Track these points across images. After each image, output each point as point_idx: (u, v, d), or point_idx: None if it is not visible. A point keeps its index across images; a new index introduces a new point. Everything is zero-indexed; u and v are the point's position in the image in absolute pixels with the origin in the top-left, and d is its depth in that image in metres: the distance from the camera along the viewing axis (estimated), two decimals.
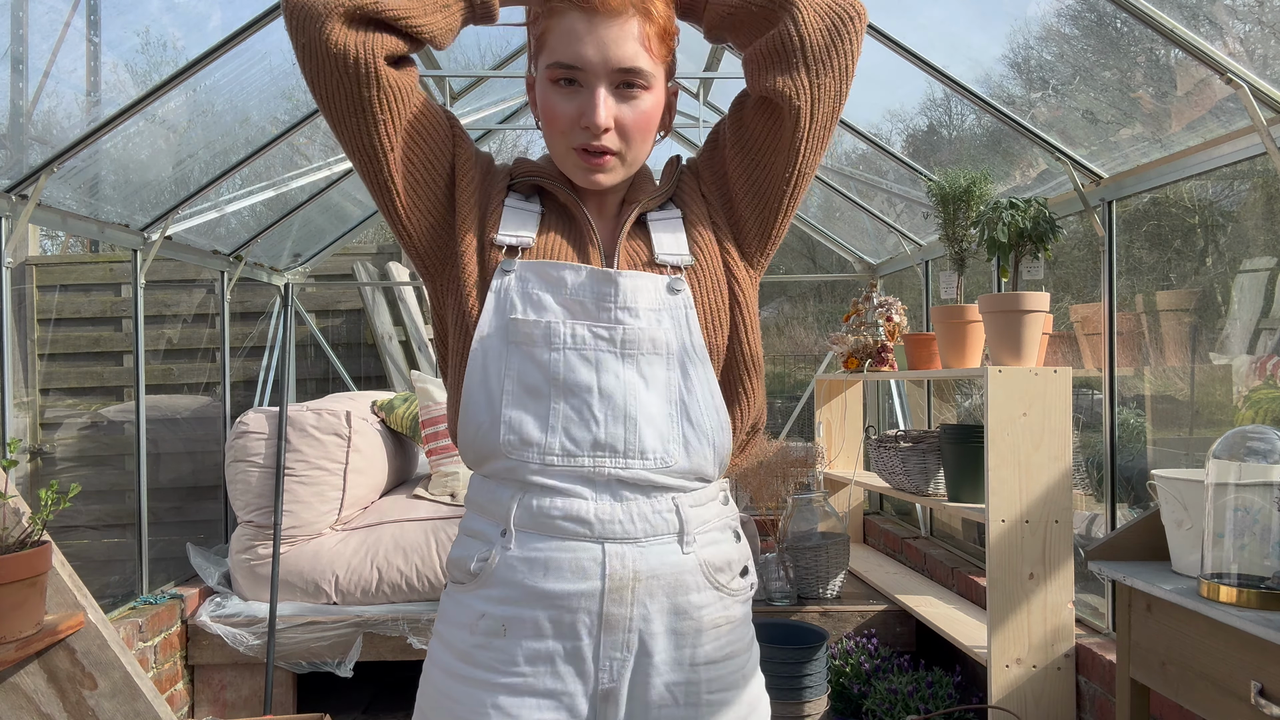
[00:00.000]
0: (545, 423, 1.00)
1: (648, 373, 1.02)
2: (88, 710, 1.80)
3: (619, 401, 1.00)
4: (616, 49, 1.01)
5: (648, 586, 1.00)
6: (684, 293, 1.06)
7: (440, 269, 1.10)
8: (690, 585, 1.03)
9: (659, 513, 1.02)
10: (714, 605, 1.05)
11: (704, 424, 1.04)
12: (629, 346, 1.02)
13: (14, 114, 2.46)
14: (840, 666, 3.00)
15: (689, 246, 1.10)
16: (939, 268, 3.83)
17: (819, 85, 1.03)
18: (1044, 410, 2.48)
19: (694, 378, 1.04)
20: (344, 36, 0.97)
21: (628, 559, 0.99)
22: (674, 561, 1.02)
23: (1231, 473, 1.60)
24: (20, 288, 3.47)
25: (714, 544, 1.06)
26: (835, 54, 1.03)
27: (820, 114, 1.05)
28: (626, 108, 1.04)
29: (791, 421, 5.04)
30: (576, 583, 0.98)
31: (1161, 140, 2.38)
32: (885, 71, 3.21)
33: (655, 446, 1.01)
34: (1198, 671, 1.70)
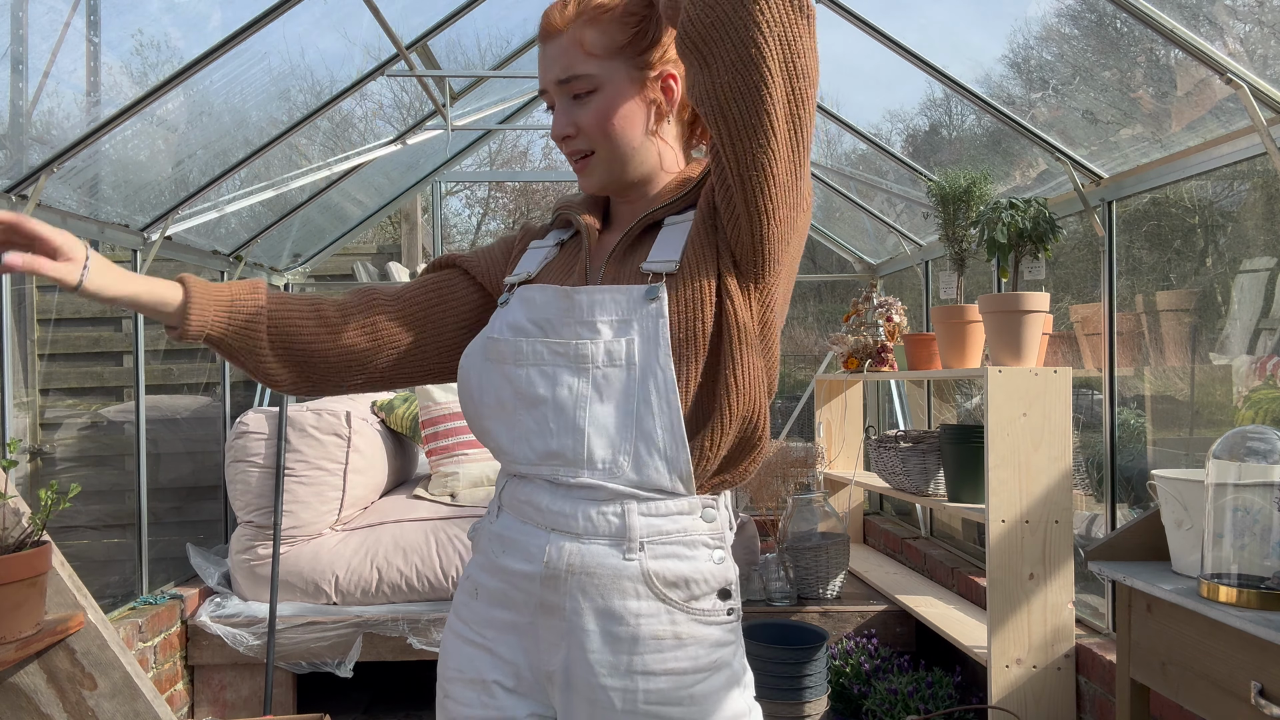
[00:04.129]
0: (513, 433, 1.08)
1: (605, 385, 1.03)
2: (87, 710, 1.79)
3: (569, 413, 1.03)
4: (553, 65, 1.10)
5: (580, 582, 1.03)
6: (659, 301, 1.03)
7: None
8: (628, 591, 1.02)
9: (603, 515, 1.03)
10: (658, 618, 1.03)
11: (657, 439, 1.02)
12: (583, 361, 1.04)
13: (14, 114, 2.46)
14: (840, 667, 3.00)
15: (681, 252, 1.07)
16: (939, 268, 3.83)
17: (717, 87, 0.95)
18: (1044, 410, 2.47)
19: (652, 390, 1.02)
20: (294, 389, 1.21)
21: (565, 551, 1.03)
22: (612, 565, 1.02)
23: (1231, 473, 1.60)
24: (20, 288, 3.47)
25: (671, 557, 1.04)
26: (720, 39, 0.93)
27: (732, 113, 0.95)
28: (581, 111, 1.10)
29: (791, 421, 5.04)
30: (523, 564, 1.06)
31: (1161, 140, 2.37)
32: (885, 71, 3.21)
33: (605, 456, 1.03)
34: (1198, 672, 1.70)
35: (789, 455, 3.89)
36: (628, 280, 1.08)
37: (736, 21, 0.92)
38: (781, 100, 0.94)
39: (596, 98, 1.09)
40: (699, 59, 0.95)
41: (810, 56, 0.95)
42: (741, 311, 1.04)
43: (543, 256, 1.20)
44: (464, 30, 3.72)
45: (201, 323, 1.13)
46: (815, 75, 0.97)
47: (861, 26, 2.71)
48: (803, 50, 0.94)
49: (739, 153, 0.97)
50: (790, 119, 0.96)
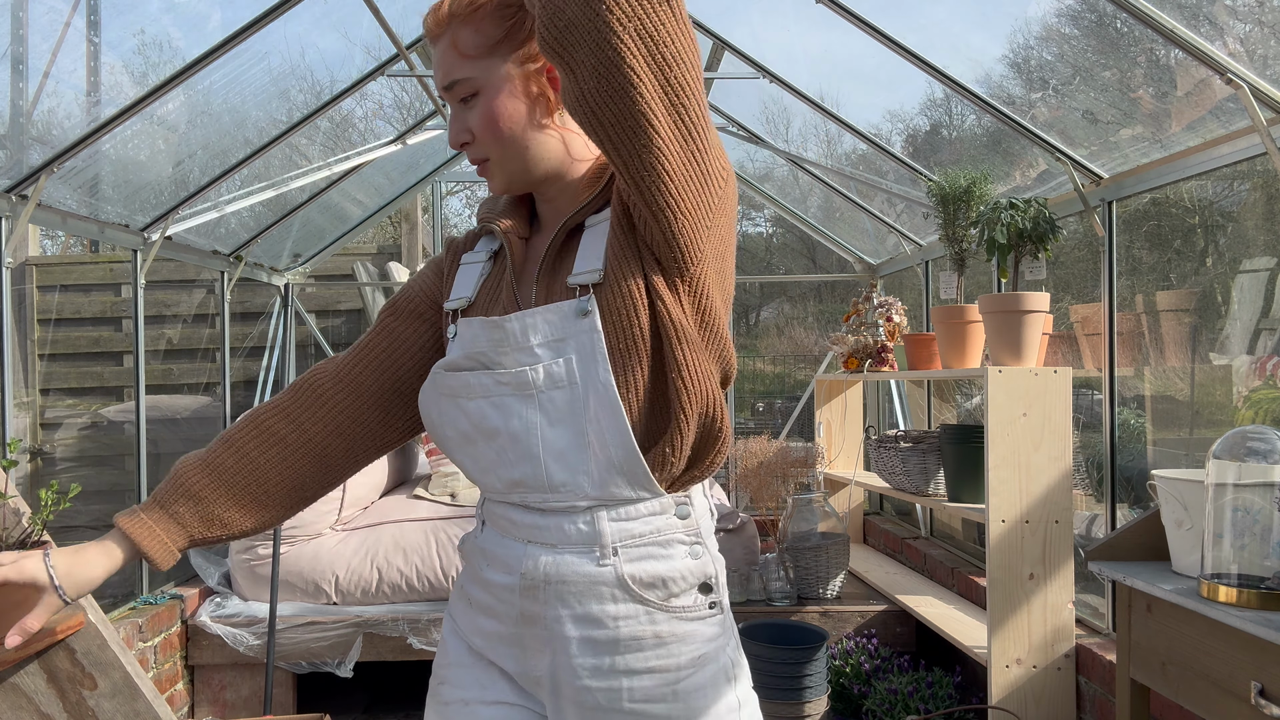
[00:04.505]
0: (478, 465, 1.07)
1: (552, 409, 1.00)
2: (88, 710, 1.80)
3: (524, 442, 1.02)
4: (438, 72, 1.07)
5: (556, 590, 1.02)
6: (591, 315, 0.99)
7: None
8: (604, 596, 1.02)
9: (575, 524, 1.02)
10: (637, 619, 1.02)
11: (611, 454, 1.00)
12: (526, 388, 1.01)
13: (14, 114, 2.46)
14: (840, 667, 3.00)
15: (603, 259, 1.02)
16: (939, 268, 3.83)
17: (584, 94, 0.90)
18: (1044, 410, 2.47)
19: (596, 408, 0.99)
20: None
21: (541, 562, 1.03)
22: (587, 572, 1.02)
23: (1231, 473, 1.60)
24: (20, 288, 3.47)
25: (646, 559, 1.02)
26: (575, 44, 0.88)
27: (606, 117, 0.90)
28: (470, 115, 1.06)
29: (791, 421, 5.04)
30: (504, 576, 1.06)
31: (1161, 140, 2.37)
32: (885, 71, 3.21)
33: (565, 479, 1.01)
34: (1198, 672, 1.70)
35: (789, 455, 3.89)
36: (559, 295, 1.04)
37: (586, 24, 0.86)
38: (656, 95, 0.89)
39: (480, 100, 1.05)
40: (561, 66, 0.90)
41: (680, 39, 0.88)
42: (674, 310, 0.99)
43: (477, 274, 1.15)
44: None
45: (165, 551, 1.12)
46: (691, 56, 0.90)
47: (861, 26, 2.71)
48: (668, 36, 0.87)
49: (625, 158, 0.92)
50: (672, 109, 0.90)
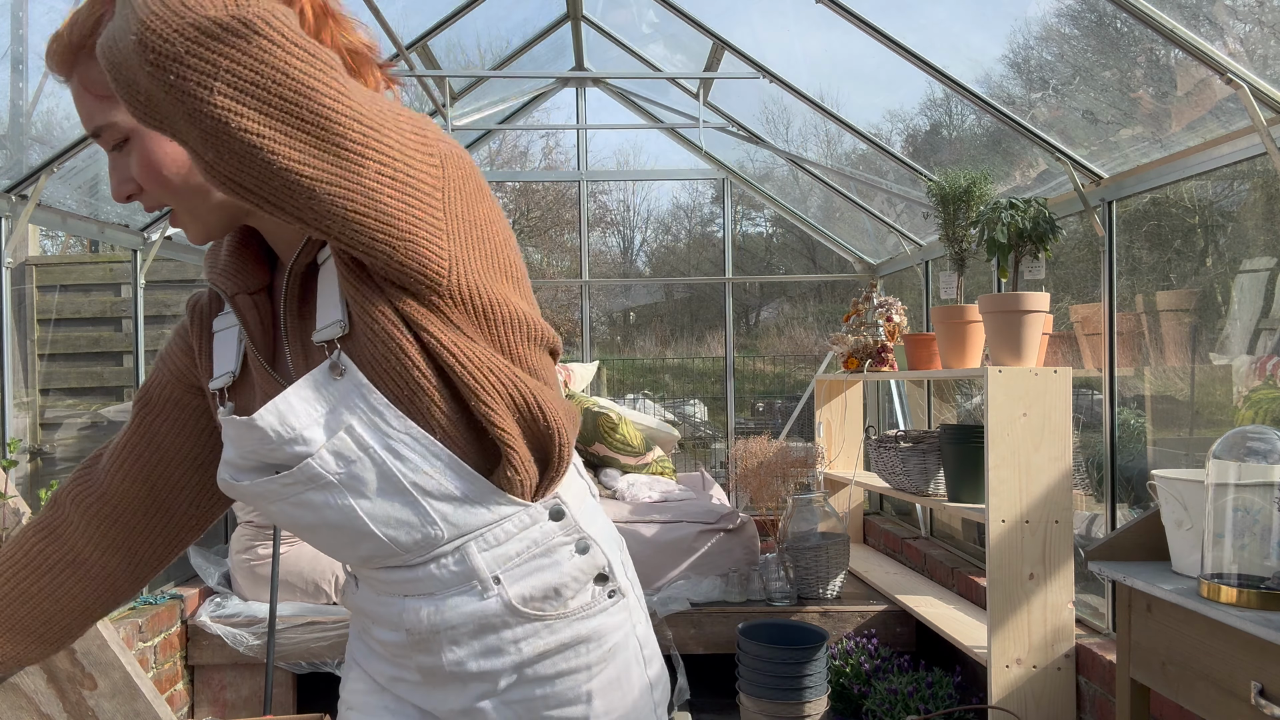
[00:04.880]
0: (321, 548, 0.98)
1: (360, 484, 0.88)
2: (87, 710, 1.80)
3: (351, 527, 0.90)
4: (80, 115, 0.89)
5: (449, 635, 0.94)
6: (349, 372, 0.86)
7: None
8: (499, 625, 0.94)
9: (444, 569, 0.93)
10: (539, 635, 0.95)
11: (454, 492, 0.90)
12: (318, 479, 0.87)
13: (14, 114, 2.46)
14: (840, 667, 3.00)
15: (341, 306, 0.87)
16: (939, 268, 3.83)
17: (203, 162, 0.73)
18: (1044, 410, 2.48)
19: (411, 458, 0.87)
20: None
21: (423, 614, 0.94)
22: (472, 611, 0.93)
23: (1231, 473, 1.60)
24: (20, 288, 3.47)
25: (530, 575, 0.94)
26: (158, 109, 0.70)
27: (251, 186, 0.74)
28: (129, 163, 0.89)
29: (791, 422, 5.04)
30: (390, 634, 0.98)
31: (1161, 140, 2.38)
32: (885, 71, 3.21)
33: (414, 539, 0.91)
34: (1198, 672, 1.70)
35: (789, 455, 3.89)
36: (317, 355, 0.89)
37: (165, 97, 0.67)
38: (293, 141, 0.71)
39: (134, 146, 0.87)
40: (170, 138, 0.72)
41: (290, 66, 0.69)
42: (445, 335, 0.85)
43: (235, 343, 0.98)
44: (464, 30, 3.72)
45: None
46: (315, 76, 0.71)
47: (861, 26, 2.71)
48: (272, 71, 0.68)
49: (299, 216, 0.76)
50: (322, 145, 0.72)
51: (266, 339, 0.95)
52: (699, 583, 3.33)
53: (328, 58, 0.72)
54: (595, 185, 12.23)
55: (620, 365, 8.17)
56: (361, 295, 0.84)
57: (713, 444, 6.33)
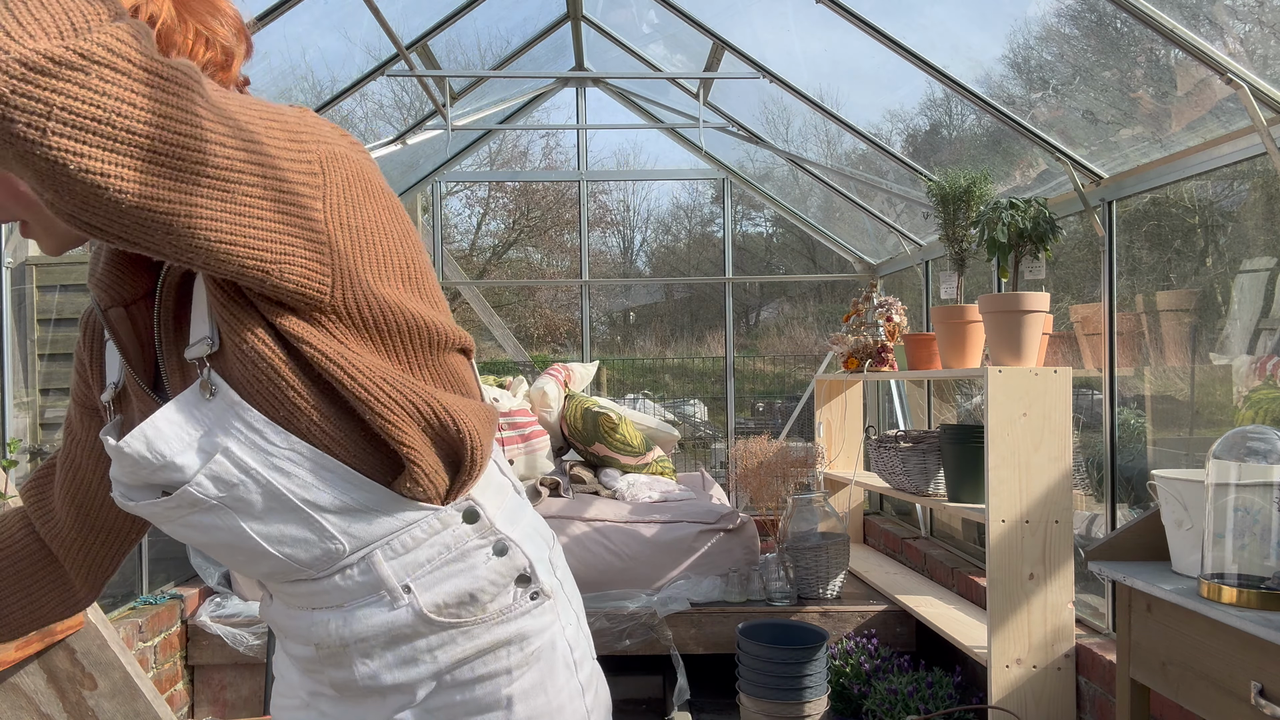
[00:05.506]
0: (225, 563, 0.93)
1: (247, 507, 0.82)
2: (87, 710, 1.80)
3: (244, 546, 0.85)
4: None
5: (360, 648, 0.89)
6: (221, 391, 0.80)
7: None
8: (412, 635, 0.89)
9: (350, 579, 0.88)
10: (455, 643, 0.90)
11: (352, 503, 0.84)
12: (201, 504, 0.82)
13: None
14: (840, 667, 3.00)
15: (209, 320, 0.81)
16: (939, 268, 3.83)
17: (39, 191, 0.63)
18: (1044, 410, 2.48)
19: (299, 474, 0.82)
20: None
21: (331, 626, 0.89)
22: (382, 621, 0.88)
23: (1231, 473, 1.60)
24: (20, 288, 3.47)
25: (443, 581, 0.89)
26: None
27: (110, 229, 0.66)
28: None
29: (791, 422, 5.05)
30: (302, 648, 0.93)
31: (1161, 140, 2.38)
32: (885, 71, 3.21)
33: (314, 556, 0.86)
34: (1198, 672, 1.70)
35: (789, 455, 3.89)
36: (191, 377, 0.83)
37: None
38: (145, 174, 0.63)
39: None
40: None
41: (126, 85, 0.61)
42: (330, 347, 0.79)
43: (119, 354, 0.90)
44: (464, 30, 3.72)
45: None
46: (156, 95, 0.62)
47: (861, 26, 2.71)
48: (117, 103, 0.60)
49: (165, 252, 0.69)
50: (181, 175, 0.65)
51: (145, 354, 0.87)
52: (699, 583, 3.33)
53: (184, 77, 0.64)
54: (595, 185, 12.23)
55: (620, 365, 8.17)
56: (229, 314, 0.78)
57: (713, 444, 6.33)
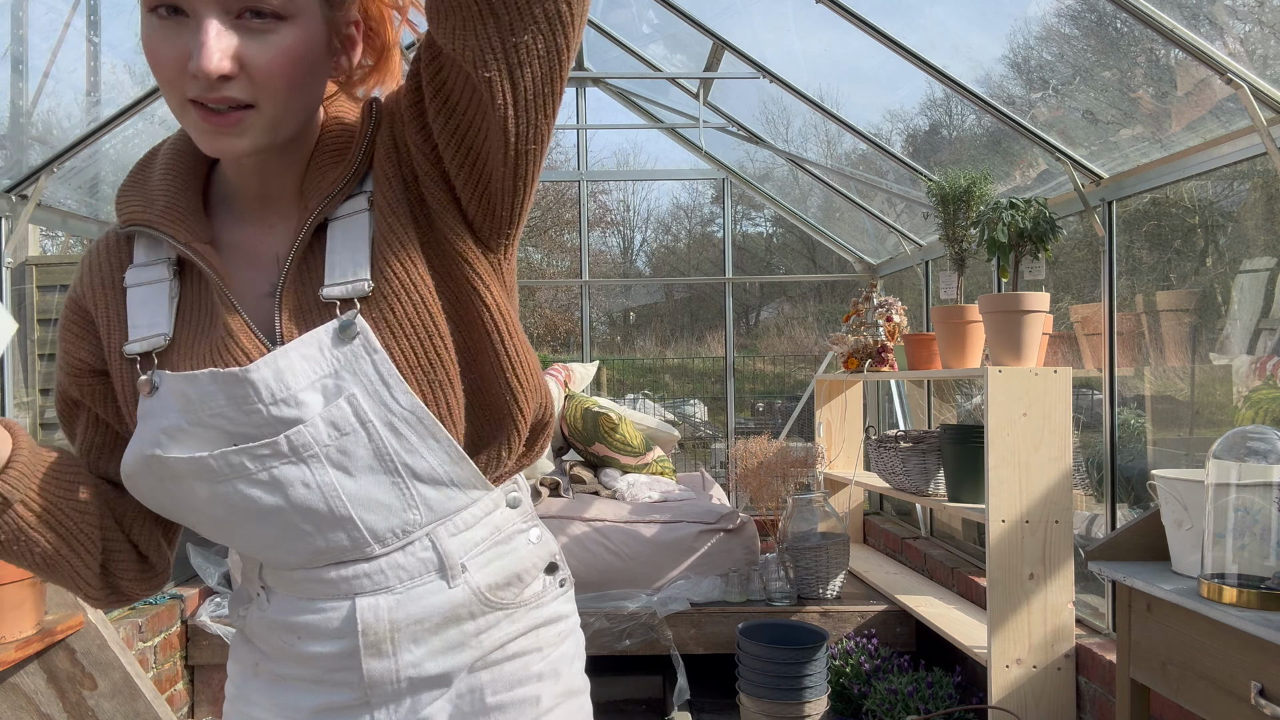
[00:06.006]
0: (252, 544, 0.85)
1: (349, 458, 0.80)
2: (87, 710, 1.80)
3: (323, 509, 0.80)
4: None
5: (410, 633, 0.86)
6: (361, 337, 0.79)
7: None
8: (463, 616, 0.87)
9: (413, 556, 0.85)
10: (499, 626, 0.90)
11: (440, 475, 0.83)
12: (305, 449, 0.78)
13: (14, 114, 2.46)
14: (840, 667, 3.00)
15: (370, 262, 0.81)
16: (939, 268, 3.83)
17: (518, 45, 0.72)
18: (1044, 410, 2.48)
19: (410, 437, 0.80)
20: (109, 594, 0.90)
21: (381, 611, 0.84)
22: (440, 601, 0.86)
23: (1231, 473, 1.60)
24: (20, 288, 3.47)
25: (492, 561, 0.89)
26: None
27: (529, 80, 0.74)
28: (255, 45, 0.75)
29: (791, 421, 5.05)
30: (332, 644, 0.85)
31: (1161, 140, 2.38)
32: (885, 71, 3.21)
33: (391, 525, 0.83)
34: (1198, 672, 1.70)
35: (789, 455, 3.89)
36: (314, 315, 0.81)
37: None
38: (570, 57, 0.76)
39: (286, 31, 0.77)
40: (485, 10, 0.71)
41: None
42: (498, 295, 0.83)
43: (165, 299, 0.85)
44: None
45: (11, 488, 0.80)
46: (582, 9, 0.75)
47: (861, 26, 2.71)
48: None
49: (522, 127, 0.75)
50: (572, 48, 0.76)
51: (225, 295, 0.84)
52: (699, 583, 3.33)
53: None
54: (595, 185, 12.22)
55: (620, 365, 8.17)
56: (404, 251, 0.81)
57: (713, 444, 6.33)
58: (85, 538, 0.85)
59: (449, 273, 0.82)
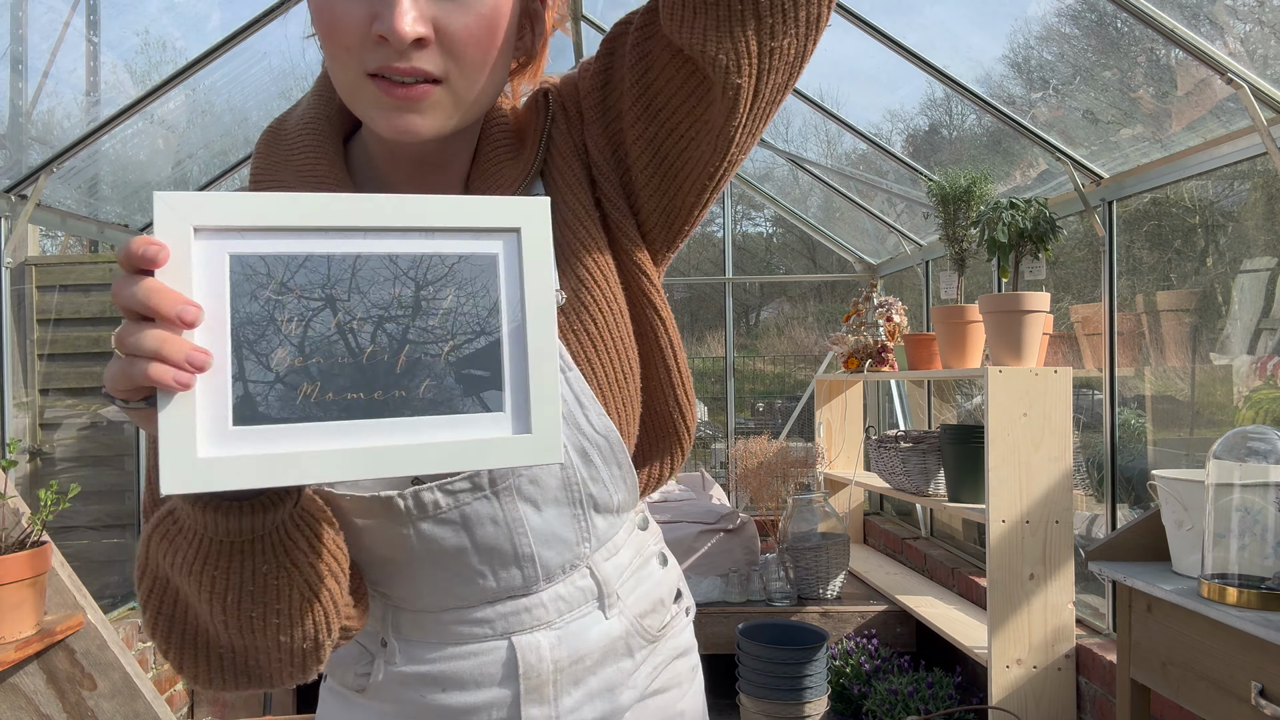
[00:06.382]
0: (416, 587, 0.76)
1: (538, 489, 0.73)
2: (87, 711, 1.79)
3: (507, 548, 0.74)
4: None
5: (572, 674, 0.77)
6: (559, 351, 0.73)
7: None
8: (620, 651, 0.80)
9: (573, 586, 0.78)
10: (651, 658, 0.83)
11: (615, 502, 0.78)
12: (502, 479, 0.71)
13: (13, 114, 2.46)
14: (840, 667, 3.00)
15: (558, 268, 0.73)
16: (939, 268, 3.83)
17: (774, 50, 0.65)
18: (1044, 410, 2.47)
19: (596, 463, 0.74)
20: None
21: (543, 649, 0.76)
22: (599, 633, 0.79)
23: (1232, 473, 1.60)
24: (20, 288, 3.47)
25: (638, 587, 0.83)
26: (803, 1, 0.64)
27: (770, 87, 0.67)
28: (451, 7, 0.65)
29: (791, 422, 5.05)
30: (481, 692, 0.76)
31: (1162, 140, 2.37)
32: (885, 71, 3.21)
33: (565, 560, 0.76)
34: (1198, 672, 1.69)
35: (789, 455, 3.89)
36: None
37: None
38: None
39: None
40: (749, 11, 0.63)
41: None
42: (664, 309, 0.76)
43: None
44: None
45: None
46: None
47: (861, 26, 2.71)
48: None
49: (745, 138, 0.70)
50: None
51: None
52: (699, 583, 3.33)
53: None
54: None
55: None
56: (595, 253, 0.73)
57: (713, 444, 6.33)
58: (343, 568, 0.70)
59: (627, 284, 0.75)
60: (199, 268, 0.51)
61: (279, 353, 0.53)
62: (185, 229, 0.51)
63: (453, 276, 0.56)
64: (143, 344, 0.49)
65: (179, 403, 0.50)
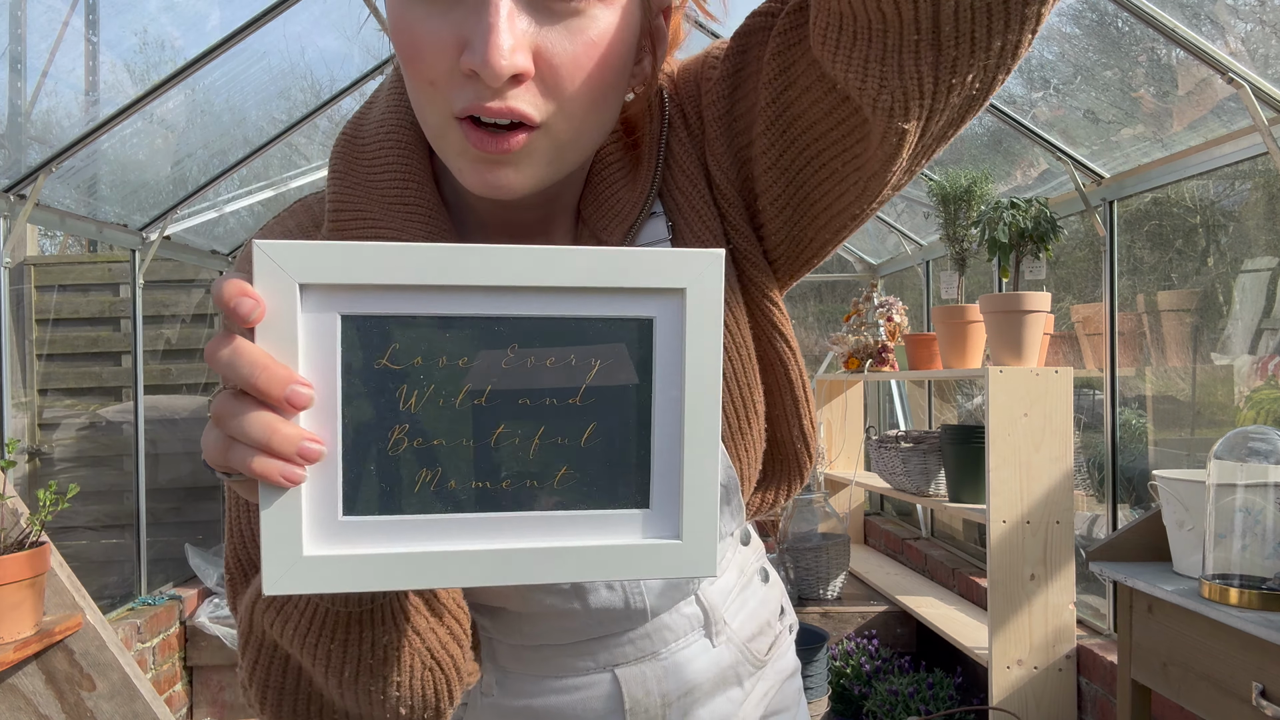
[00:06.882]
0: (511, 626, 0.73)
1: None
2: (86, 711, 1.79)
3: (620, 608, 0.70)
4: None
5: (681, 707, 0.73)
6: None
7: None
8: (730, 679, 0.75)
9: (680, 614, 0.73)
10: (759, 685, 0.78)
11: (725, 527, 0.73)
12: None
13: (12, 114, 2.46)
14: (841, 668, 3.00)
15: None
16: (940, 268, 3.82)
17: (953, 88, 0.53)
18: (1045, 411, 2.47)
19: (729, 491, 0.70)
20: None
21: (650, 682, 0.72)
22: (707, 662, 0.74)
23: (1233, 473, 1.59)
24: (19, 288, 3.47)
25: (743, 608, 0.78)
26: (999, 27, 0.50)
27: (941, 124, 0.56)
28: (557, 34, 0.54)
29: None
30: None
31: (1163, 140, 2.37)
32: None
33: (674, 598, 0.73)
34: (1199, 673, 1.69)
35: None
36: None
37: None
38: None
39: (599, 13, 0.55)
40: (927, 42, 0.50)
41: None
42: (792, 336, 0.69)
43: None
44: None
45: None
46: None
47: None
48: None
49: (904, 179, 0.62)
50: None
51: None
52: None
53: None
54: None
55: None
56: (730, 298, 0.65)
57: None
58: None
59: (754, 318, 0.67)
60: (305, 331, 0.44)
61: (395, 432, 0.46)
62: (290, 285, 0.44)
63: (599, 345, 0.47)
64: (248, 431, 0.43)
65: (285, 496, 0.45)
